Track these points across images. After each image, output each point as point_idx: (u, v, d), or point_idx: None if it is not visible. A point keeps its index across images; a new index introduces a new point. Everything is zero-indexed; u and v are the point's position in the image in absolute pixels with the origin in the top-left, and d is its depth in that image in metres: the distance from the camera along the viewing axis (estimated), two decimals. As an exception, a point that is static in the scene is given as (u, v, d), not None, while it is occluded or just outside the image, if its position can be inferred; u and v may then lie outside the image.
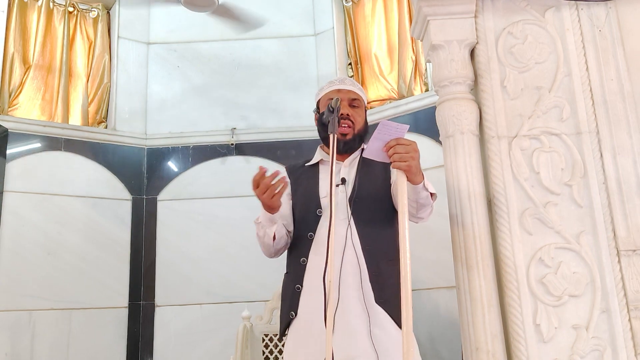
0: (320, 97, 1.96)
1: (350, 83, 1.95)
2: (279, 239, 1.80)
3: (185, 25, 4.46)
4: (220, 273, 3.95)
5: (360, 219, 1.77)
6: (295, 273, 1.81)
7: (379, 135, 1.58)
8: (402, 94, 3.90)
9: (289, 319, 1.78)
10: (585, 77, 1.96)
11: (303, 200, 1.87)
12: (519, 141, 1.92)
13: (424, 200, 1.69)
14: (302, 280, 1.77)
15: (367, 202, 1.79)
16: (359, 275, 1.71)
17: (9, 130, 3.72)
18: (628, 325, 1.77)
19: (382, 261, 1.75)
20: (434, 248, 3.18)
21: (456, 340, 2.97)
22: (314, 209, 1.81)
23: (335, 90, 1.91)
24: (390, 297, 1.71)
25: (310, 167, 1.93)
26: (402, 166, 1.56)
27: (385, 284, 1.72)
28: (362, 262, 1.73)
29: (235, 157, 4.19)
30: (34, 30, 4.08)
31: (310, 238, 1.79)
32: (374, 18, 4.22)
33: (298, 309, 1.76)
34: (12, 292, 3.52)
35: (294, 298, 1.77)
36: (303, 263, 1.78)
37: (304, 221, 1.84)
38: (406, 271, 1.46)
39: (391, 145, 1.57)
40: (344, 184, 1.82)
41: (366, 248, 1.74)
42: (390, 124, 1.57)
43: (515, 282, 1.81)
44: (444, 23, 2.01)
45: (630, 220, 1.84)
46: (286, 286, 1.86)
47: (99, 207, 3.92)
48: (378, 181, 1.85)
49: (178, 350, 3.87)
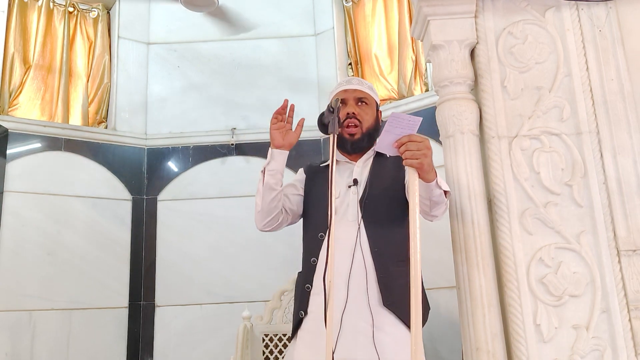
0: (331, 98, 1.94)
1: (357, 82, 1.95)
2: (269, 190, 1.82)
3: (185, 25, 4.46)
4: (220, 273, 3.95)
5: (370, 220, 1.76)
6: (306, 273, 1.83)
7: (390, 128, 1.55)
8: (402, 94, 3.90)
9: (299, 318, 1.79)
10: (586, 77, 1.96)
11: (316, 200, 1.87)
12: (519, 141, 1.92)
13: (437, 197, 1.66)
14: (312, 280, 1.78)
15: (378, 204, 1.78)
16: (365, 278, 1.71)
17: (9, 130, 3.72)
18: (628, 325, 1.78)
19: (391, 263, 1.74)
20: (435, 248, 3.18)
21: (456, 340, 2.97)
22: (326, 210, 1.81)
23: (342, 91, 1.91)
24: (397, 299, 1.69)
25: (326, 167, 1.92)
26: (414, 163, 1.53)
27: (393, 286, 1.71)
28: (370, 265, 1.72)
29: (235, 157, 4.19)
30: (34, 30, 4.08)
31: (320, 238, 1.79)
32: (374, 18, 4.22)
33: (307, 309, 1.77)
34: (12, 292, 3.52)
35: (304, 297, 1.79)
36: (313, 263, 1.78)
37: (315, 221, 1.84)
38: (416, 270, 1.45)
39: (403, 141, 1.54)
40: (355, 185, 1.81)
41: (374, 250, 1.74)
42: (401, 116, 1.54)
43: (516, 282, 1.81)
44: (444, 23, 2.01)
45: (631, 220, 1.84)
46: (298, 285, 1.87)
47: (99, 207, 3.92)
48: (391, 181, 1.83)
49: (178, 350, 3.87)
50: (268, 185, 1.80)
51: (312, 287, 1.77)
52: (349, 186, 1.82)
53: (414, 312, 1.43)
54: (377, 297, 1.70)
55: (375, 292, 1.71)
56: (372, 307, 1.69)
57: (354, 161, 1.89)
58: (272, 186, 1.80)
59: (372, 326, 1.67)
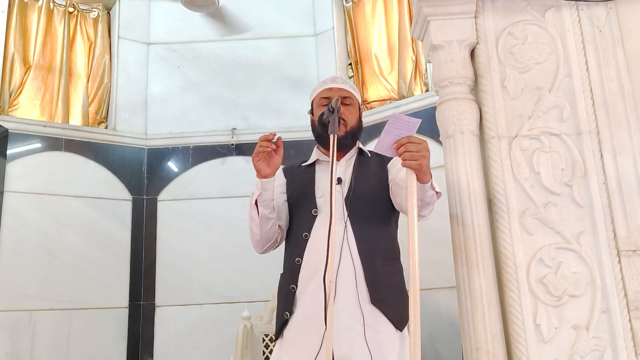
0: (314, 96, 1.96)
1: (342, 81, 1.95)
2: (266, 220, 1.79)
3: (185, 25, 4.47)
4: (220, 273, 3.95)
5: (356, 218, 1.76)
6: (290, 273, 1.81)
7: (390, 128, 1.56)
8: (402, 94, 3.90)
9: (284, 319, 1.77)
10: (586, 77, 1.96)
11: (299, 200, 1.86)
12: (519, 141, 1.92)
13: (430, 198, 1.67)
14: (297, 280, 1.77)
15: (364, 202, 1.78)
16: (354, 275, 1.71)
17: (9, 130, 3.72)
18: (628, 325, 1.77)
19: (378, 261, 1.76)
20: (434, 248, 3.18)
21: (456, 340, 2.97)
22: (310, 209, 1.81)
23: (327, 89, 1.91)
24: (385, 296, 1.72)
25: (307, 167, 1.93)
26: (413, 165, 1.53)
27: (380, 284, 1.73)
28: (357, 262, 1.73)
29: (235, 157, 4.19)
30: (34, 31, 4.08)
31: (305, 238, 1.78)
32: (374, 18, 4.22)
33: (294, 309, 1.76)
34: (12, 292, 3.52)
35: (289, 298, 1.77)
36: (298, 263, 1.77)
37: (299, 221, 1.84)
38: (415, 271, 1.46)
39: (402, 142, 1.54)
40: (340, 183, 1.81)
41: (361, 248, 1.75)
42: (401, 117, 1.54)
43: (516, 282, 1.81)
44: (444, 23, 2.01)
45: (631, 220, 1.84)
46: (281, 286, 1.86)
47: (99, 207, 3.92)
48: (374, 180, 1.85)
49: (178, 350, 3.87)
50: (264, 216, 1.78)
51: (297, 287, 1.76)
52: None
53: (413, 312, 1.43)
54: (366, 295, 1.71)
55: (364, 290, 1.71)
56: (362, 305, 1.69)
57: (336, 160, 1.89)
58: (267, 216, 1.79)
59: (363, 324, 1.68)
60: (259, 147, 1.75)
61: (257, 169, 1.76)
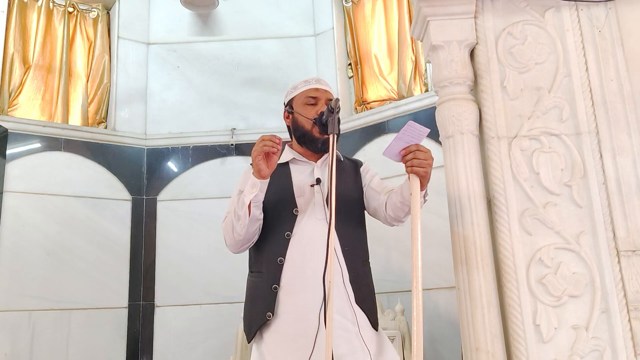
0: (294, 95, 1.92)
1: (326, 83, 1.95)
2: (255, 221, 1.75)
3: (185, 25, 4.46)
4: (220, 273, 3.95)
5: (338, 219, 1.73)
6: (270, 273, 1.76)
7: (403, 135, 1.61)
8: (402, 95, 3.90)
9: (264, 320, 1.72)
10: (585, 78, 1.96)
11: (277, 199, 1.82)
12: (518, 141, 1.92)
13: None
14: (279, 280, 1.73)
15: (343, 203, 1.77)
16: (341, 275, 1.72)
17: (9, 130, 3.72)
18: (628, 325, 1.78)
19: (359, 262, 1.79)
20: (434, 248, 3.18)
21: (456, 340, 2.97)
22: (291, 209, 1.80)
23: (314, 89, 1.89)
24: (365, 297, 1.76)
25: (280, 166, 1.85)
26: (421, 172, 1.62)
27: (361, 284, 1.76)
28: (342, 263, 1.73)
29: (235, 157, 4.19)
30: (34, 31, 4.08)
31: (287, 237, 1.76)
32: (374, 18, 4.22)
33: (277, 309, 1.72)
34: (12, 292, 3.52)
35: (270, 298, 1.73)
36: (280, 263, 1.74)
37: (279, 221, 1.80)
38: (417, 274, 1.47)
39: (412, 150, 1.62)
40: (319, 184, 1.81)
41: (345, 249, 1.75)
42: (416, 125, 1.60)
43: (515, 282, 1.82)
44: (444, 23, 2.01)
45: (630, 220, 1.84)
46: (256, 286, 1.81)
47: (98, 207, 3.92)
48: (351, 183, 1.88)
49: (178, 350, 3.87)
50: (254, 217, 1.75)
51: (280, 287, 1.73)
52: (311, 185, 1.81)
53: (414, 313, 1.43)
54: (352, 295, 1.73)
55: (350, 290, 1.73)
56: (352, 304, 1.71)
57: (313, 161, 1.88)
58: (257, 217, 1.77)
59: (356, 323, 1.70)
60: (263, 145, 1.69)
61: (257, 168, 1.71)
